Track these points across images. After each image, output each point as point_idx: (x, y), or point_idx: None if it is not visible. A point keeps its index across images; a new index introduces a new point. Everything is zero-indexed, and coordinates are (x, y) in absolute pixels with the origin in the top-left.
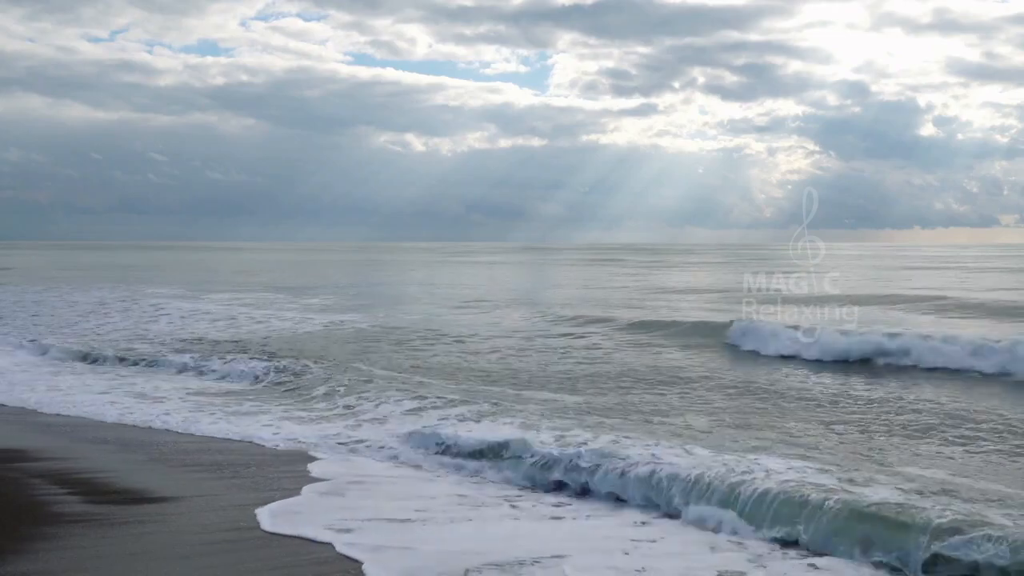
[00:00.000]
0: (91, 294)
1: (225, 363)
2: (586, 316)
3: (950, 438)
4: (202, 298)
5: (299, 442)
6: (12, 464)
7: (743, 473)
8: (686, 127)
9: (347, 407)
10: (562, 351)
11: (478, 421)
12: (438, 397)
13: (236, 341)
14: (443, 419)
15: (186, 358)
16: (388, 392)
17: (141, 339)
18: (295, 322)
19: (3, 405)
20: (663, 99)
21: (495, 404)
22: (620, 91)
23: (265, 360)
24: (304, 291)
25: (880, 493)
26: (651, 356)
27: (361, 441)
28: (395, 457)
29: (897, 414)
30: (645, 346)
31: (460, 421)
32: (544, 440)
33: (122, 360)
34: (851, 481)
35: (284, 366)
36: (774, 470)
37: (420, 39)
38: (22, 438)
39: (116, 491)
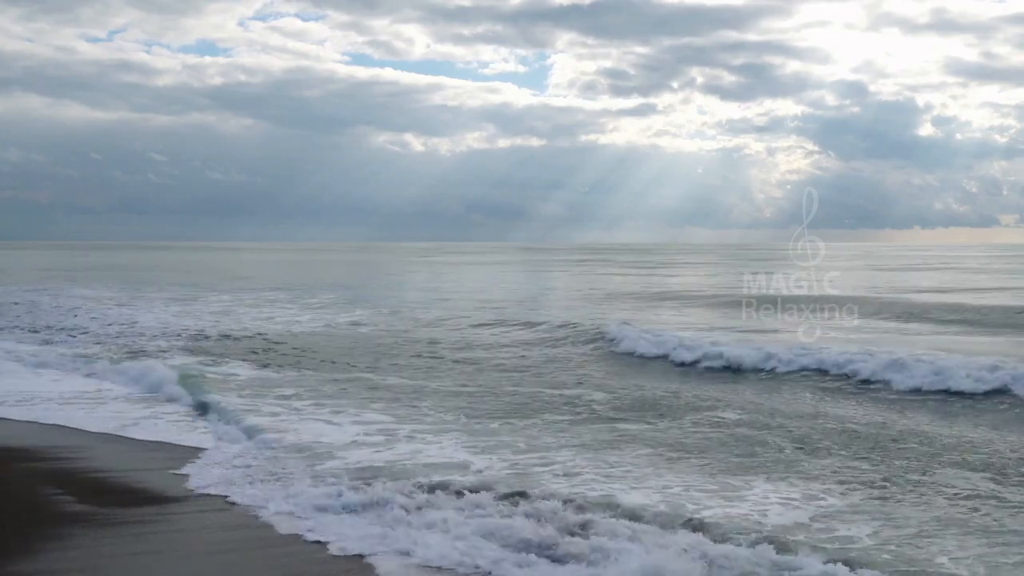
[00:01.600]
0: (89, 294)
1: (218, 365)
2: (503, 319)
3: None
4: (199, 299)
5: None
6: (17, 464)
7: None
8: (685, 127)
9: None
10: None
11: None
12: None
13: (230, 339)
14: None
15: (179, 361)
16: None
17: (137, 340)
18: (289, 324)
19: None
20: (662, 99)
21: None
22: (619, 91)
23: (257, 365)
24: (303, 292)
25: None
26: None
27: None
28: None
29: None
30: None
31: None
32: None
33: (117, 362)
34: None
35: (275, 369)
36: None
37: (418, 39)
38: (24, 437)
39: (119, 491)
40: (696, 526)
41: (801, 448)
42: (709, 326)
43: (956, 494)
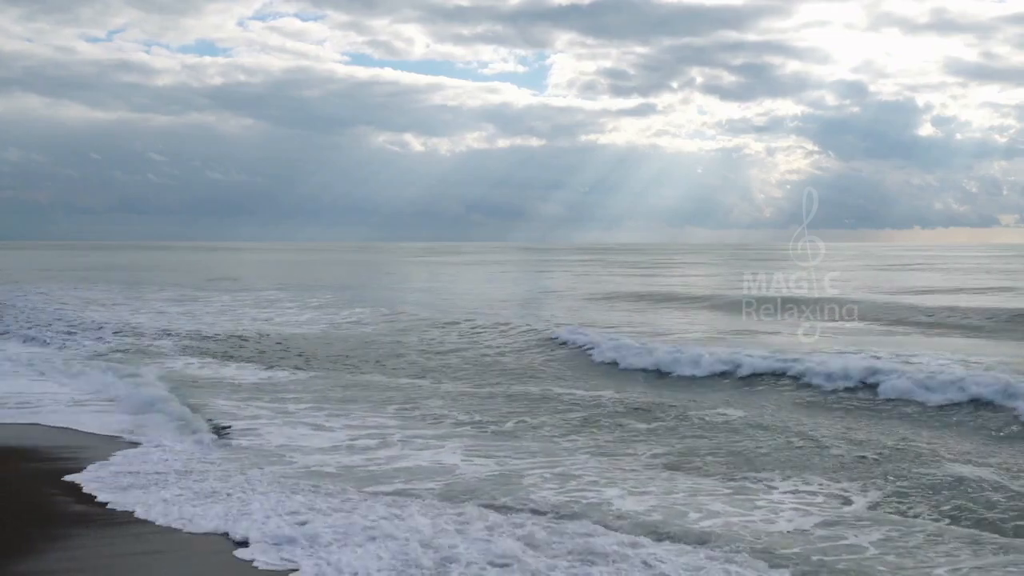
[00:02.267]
0: (90, 295)
1: (224, 367)
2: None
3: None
4: (201, 299)
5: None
6: (19, 464)
7: None
8: (685, 127)
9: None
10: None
11: None
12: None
13: (233, 339)
14: None
15: (182, 362)
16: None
17: (139, 341)
18: (291, 324)
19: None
20: (661, 99)
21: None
22: (618, 91)
23: (262, 366)
24: (306, 292)
25: None
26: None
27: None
28: None
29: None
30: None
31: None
32: None
33: (118, 362)
34: None
35: (279, 370)
36: None
37: (418, 39)
38: (27, 438)
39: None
40: (680, 537)
41: (802, 455)
42: (713, 330)
43: (962, 505)
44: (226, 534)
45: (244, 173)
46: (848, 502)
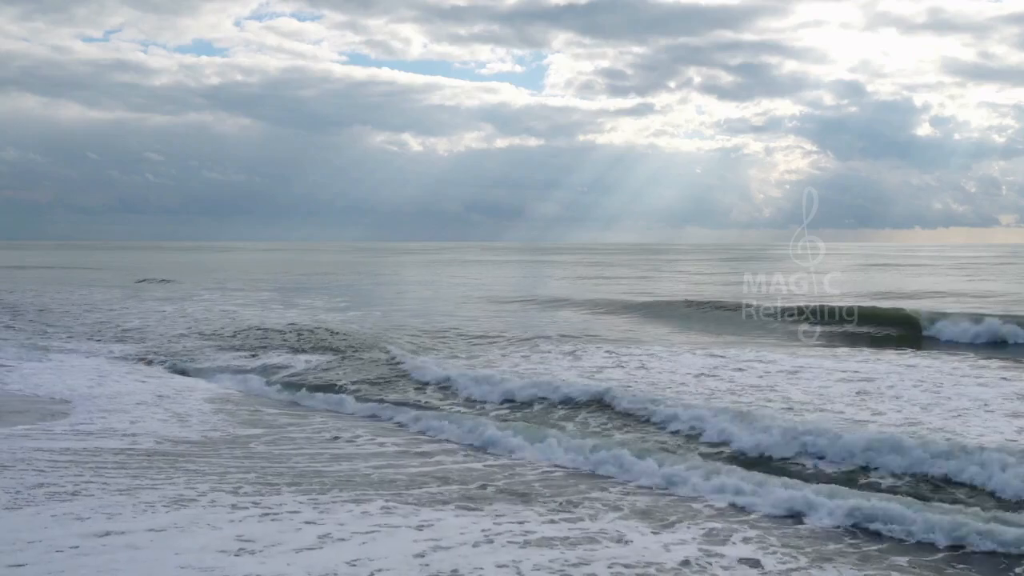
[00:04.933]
0: (96, 296)
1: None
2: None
3: None
4: (206, 298)
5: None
6: None
7: None
8: (683, 127)
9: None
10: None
11: None
12: None
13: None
14: None
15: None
16: None
17: (171, 341)
18: (317, 317)
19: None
20: (659, 99)
21: None
22: (616, 91)
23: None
24: (310, 291)
25: None
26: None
27: None
28: None
29: None
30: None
31: None
32: None
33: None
34: None
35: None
36: None
37: (415, 39)
38: None
39: None
40: None
41: None
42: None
43: None
44: None
45: (242, 173)
46: None
